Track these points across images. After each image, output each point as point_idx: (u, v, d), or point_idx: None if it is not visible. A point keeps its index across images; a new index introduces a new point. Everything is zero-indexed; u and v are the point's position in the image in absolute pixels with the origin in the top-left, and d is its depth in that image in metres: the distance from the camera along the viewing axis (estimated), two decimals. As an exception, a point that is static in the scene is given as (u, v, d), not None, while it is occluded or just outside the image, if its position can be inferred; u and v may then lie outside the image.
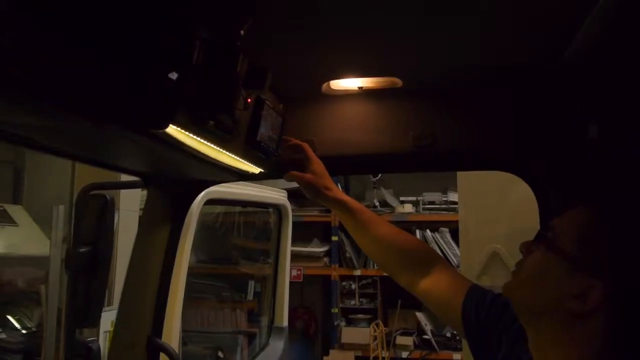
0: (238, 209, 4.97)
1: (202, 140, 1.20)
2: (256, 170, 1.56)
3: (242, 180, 1.65)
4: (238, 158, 1.41)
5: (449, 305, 1.38)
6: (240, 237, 5.09)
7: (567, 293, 1.00)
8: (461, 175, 2.63)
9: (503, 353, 1.21)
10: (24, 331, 4.00)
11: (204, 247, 4.98)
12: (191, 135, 1.14)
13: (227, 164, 1.45)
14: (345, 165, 1.71)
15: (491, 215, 2.38)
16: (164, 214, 1.74)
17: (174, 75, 0.98)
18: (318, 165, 1.55)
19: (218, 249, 5.17)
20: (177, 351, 1.72)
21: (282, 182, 2.59)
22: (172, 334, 1.72)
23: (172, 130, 1.08)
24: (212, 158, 1.37)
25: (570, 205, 1.11)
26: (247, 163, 1.47)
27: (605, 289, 0.97)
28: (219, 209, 4.76)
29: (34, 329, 3.99)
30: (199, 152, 1.28)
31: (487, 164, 1.67)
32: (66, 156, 1.43)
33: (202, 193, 1.87)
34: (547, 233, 1.09)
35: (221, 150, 1.31)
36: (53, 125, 1.07)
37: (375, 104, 1.60)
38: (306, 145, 1.57)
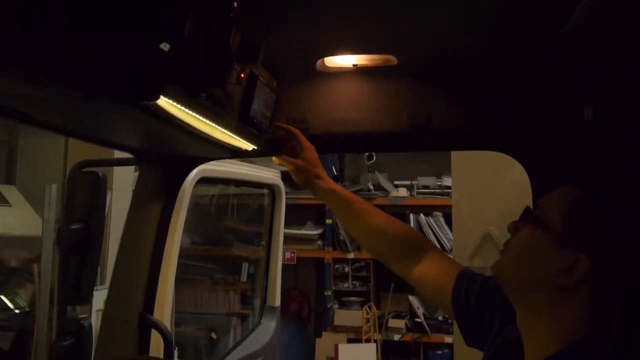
0: (232, 191, 4.97)
1: (194, 114, 1.20)
2: (249, 147, 1.55)
3: (235, 157, 1.65)
4: (231, 134, 1.40)
5: (440, 290, 1.39)
6: (234, 219, 5.09)
7: (555, 268, 1.01)
8: (455, 158, 2.63)
9: (493, 334, 1.22)
10: (17, 311, 4.01)
11: (198, 229, 4.98)
12: (183, 108, 1.13)
13: (219, 140, 1.45)
14: (339, 144, 1.71)
15: (485, 197, 2.39)
16: (157, 191, 1.73)
17: (165, 47, 0.97)
18: (310, 153, 1.53)
19: (212, 232, 5.17)
20: (169, 329, 1.72)
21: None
22: (164, 311, 1.72)
23: (164, 102, 1.07)
24: (204, 133, 1.36)
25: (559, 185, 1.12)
26: (240, 139, 1.47)
27: (590, 261, 0.99)
28: (213, 191, 4.75)
29: (27, 309, 4.00)
30: (191, 126, 1.27)
31: (481, 145, 1.66)
32: (59, 131, 1.42)
33: (195, 171, 1.86)
34: (534, 211, 1.10)
35: (214, 125, 1.30)
36: (43, 96, 1.06)
37: (369, 82, 1.59)
38: (298, 132, 1.55)
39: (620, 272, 1.00)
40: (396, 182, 5.59)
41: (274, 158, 1.55)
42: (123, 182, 3.42)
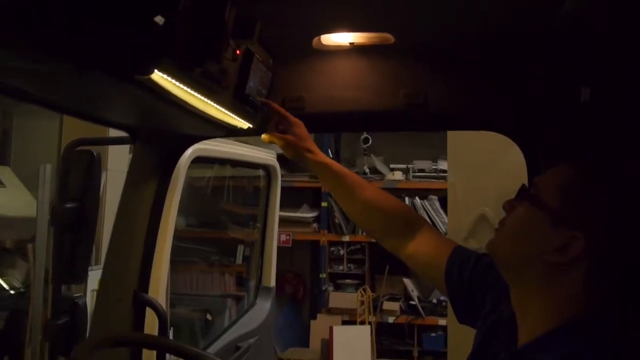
0: (228, 173, 4.96)
1: (188, 90, 1.18)
2: (244, 125, 1.54)
3: (231, 136, 1.64)
4: (226, 111, 1.39)
5: (433, 267, 1.38)
6: (230, 202, 5.09)
7: (550, 246, 1.01)
8: (452, 140, 2.62)
9: (486, 312, 1.22)
10: (12, 291, 4.02)
11: (194, 211, 4.99)
12: (177, 83, 1.12)
13: (215, 118, 1.43)
14: (335, 123, 1.70)
15: (480, 180, 2.39)
16: (151, 170, 1.72)
17: (160, 20, 0.96)
18: (299, 127, 1.52)
19: (208, 214, 5.18)
20: (164, 307, 1.72)
21: (274, 145, 2.58)
22: (159, 290, 1.72)
23: (158, 77, 1.06)
24: (199, 110, 1.35)
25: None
26: (236, 117, 1.45)
27: (586, 239, 0.99)
28: (209, 173, 4.75)
29: (22, 289, 4.00)
30: (186, 103, 1.26)
31: (478, 125, 1.65)
32: (54, 107, 1.40)
33: (190, 150, 1.85)
34: (530, 189, 1.09)
35: (209, 102, 1.29)
36: (38, 70, 1.05)
37: (366, 61, 1.58)
38: (284, 111, 1.53)
39: (616, 251, 1.00)
40: (392, 166, 5.59)
41: (263, 136, 1.53)
42: (118, 162, 3.41)
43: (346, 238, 5.53)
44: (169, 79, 1.09)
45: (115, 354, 1.58)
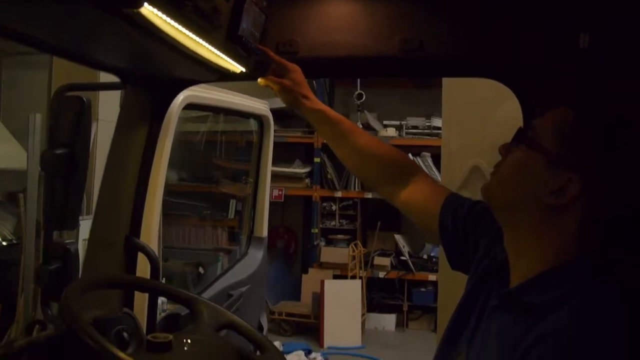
0: (221, 128, 4.94)
1: (180, 28, 1.16)
2: (237, 69, 1.51)
3: (224, 80, 1.61)
4: (219, 53, 1.36)
5: (427, 213, 1.38)
6: (223, 158, 5.09)
7: (545, 188, 1.01)
8: (447, 91, 2.60)
9: (479, 256, 1.23)
10: (4, 243, 4.03)
11: (188, 166, 4.98)
12: (168, 19, 1.09)
13: (207, 60, 1.41)
14: (329, 68, 1.67)
15: (475, 132, 2.37)
16: (143, 115, 1.70)
17: (149, -50, 0.93)
18: (296, 73, 1.49)
19: (201, 169, 5.18)
20: (156, 252, 1.72)
21: (268, 97, 2.55)
22: (150, 235, 1.72)
23: (148, 12, 1.03)
24: (191, 51, 1.32)
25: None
26: (228, 60, 1.43)
27: (582, 182, 0.99)
28: (203, 128, 4.72)
29: (14, 241, 4.01)
30: (177, 42, 1.23)
31: (474, 72, 1.63)
32: (42, 46, 1.36)
33: (182, 96, 1.83)
34: (526, 132, 1.09)
35: (201, 41, 1.26)
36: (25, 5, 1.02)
37: (362, 5, 1.54)
38: (279, 58, 1.50)
39: (612, 194, 1.00)
40: (385, 122, 5.58)
41: (259, 80, 1.51)
42: (109, 113, 3.37)
43: (338, 194, 5.55)
44: (159, 14, 1.06)
45: (107, 297, 1.58)
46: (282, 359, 1.24)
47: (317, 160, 5.51)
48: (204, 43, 1.28)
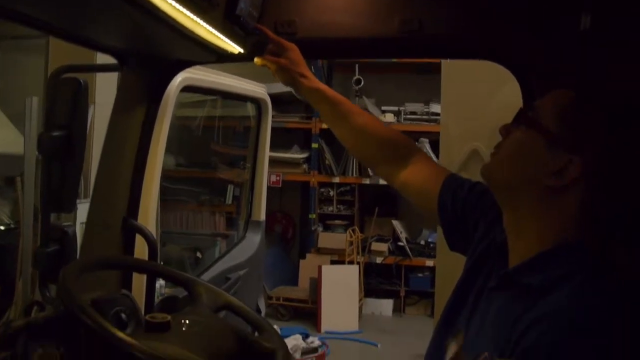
0: (219, 113, 4.92)
1: (177, 6, 1.15)
2: (235, 50, 1.50)
3: (221, 61, 1.59)
4: (216, 33, 1.35)
5: (426, 195, 1.37)
6: (220, 143, 5.08)
7: (546, 169, 1.01)
8: (446, 77, 2.59)
9: (478, 237, 1.22)
10: (1, 227, 4.02)
11: (185, 152, 4.97)
12: (166, -3, 1.08)
13: (205, 40, 1.40)
14: (327, 49, 1.65)
15: (473, 117, 2.37)
16: (140, 97, 1.69)
17: None
18: (294, 52, 1.48)
19: (199, 154, 5.17)
20: (153, 235, 1.72)
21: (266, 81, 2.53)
22: (148, 217, 1.71)
23: (145, -11, 1.02)
24: (189, 31, 1.31)
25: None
26: (226, 40, 1.42)
27: (582, 164, 0.98)
28: (200, 113, 4.70)
29: (12, 225, 4.01)
30: (175, 21, 1.22)
31: (474, 53, 1.62)
32: (40, 27, 1.35)
33: (179, 78, 1.81)
34: (527, 112, 1.08)
35: (198, 21, 1.25)
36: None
37: (361, -15, 1.53)
38: (277, 38, 1.48)
39: (612, 176, 1.00)
40: (383, 108, 5.56)
41: (255, 59, 1.49)
42: (106, 96, 3.35)
43: (336, 179, 5.55)
44: (157, -9, 1.05)
45: (105, 279, 1.58)
46: (280, 339, 1.24)
47: (315, 145, 5.50)
48: (201, 22, 1.27)
